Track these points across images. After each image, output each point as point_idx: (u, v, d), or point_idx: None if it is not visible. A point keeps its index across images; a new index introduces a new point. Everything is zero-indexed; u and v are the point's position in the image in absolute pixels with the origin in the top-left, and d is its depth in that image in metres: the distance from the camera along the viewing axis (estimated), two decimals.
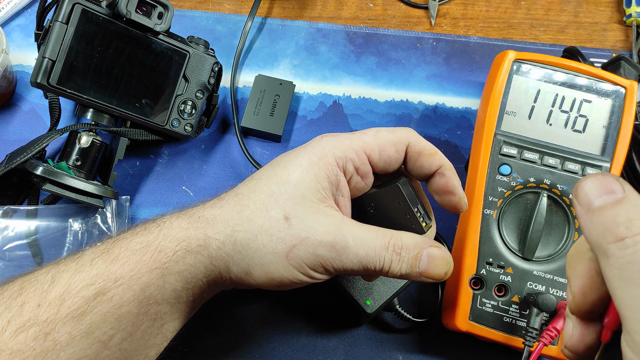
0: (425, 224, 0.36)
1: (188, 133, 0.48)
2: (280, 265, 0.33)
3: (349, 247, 0.33)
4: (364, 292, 0.43)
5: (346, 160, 0.35)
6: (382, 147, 0.36)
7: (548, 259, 0.43)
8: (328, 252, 0.33)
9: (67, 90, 0.43)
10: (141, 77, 0.45)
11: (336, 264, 0.33)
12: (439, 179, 0.36)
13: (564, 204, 0.44)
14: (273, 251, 0.33)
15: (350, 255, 0.33)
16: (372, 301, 0.43)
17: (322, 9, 0.59)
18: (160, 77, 0.46)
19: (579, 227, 0.28)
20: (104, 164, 0.48)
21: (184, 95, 0.47)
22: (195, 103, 0.48)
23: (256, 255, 0.33)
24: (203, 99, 0.49)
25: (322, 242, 0.32)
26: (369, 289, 0.44)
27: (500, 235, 0.44)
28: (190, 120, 0.48)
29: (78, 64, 0.43)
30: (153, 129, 0.48)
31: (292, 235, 0.33)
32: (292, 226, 0.33)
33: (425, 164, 0.36)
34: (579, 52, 0.52)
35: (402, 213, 0.36)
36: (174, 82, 0.47)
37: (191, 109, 0.48)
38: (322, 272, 0.34)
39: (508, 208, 0.44)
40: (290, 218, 0.33)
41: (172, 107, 0.47)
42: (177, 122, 0.48)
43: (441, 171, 0.36)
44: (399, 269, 0.34)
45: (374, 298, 0.43)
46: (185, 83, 0.47)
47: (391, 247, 0.33)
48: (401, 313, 0.45)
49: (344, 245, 0.33)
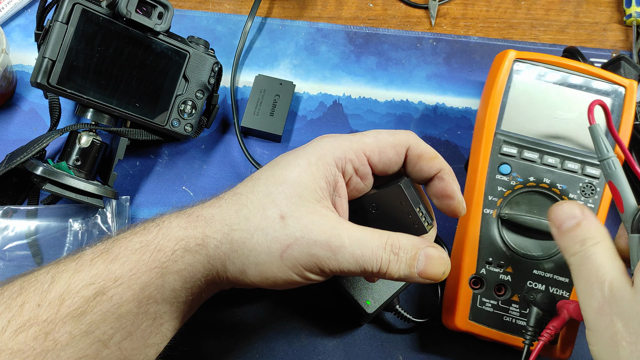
0: (427, 224, 0.36)
1: (188, 133, 0.48)
2: (274, 265, 0.33)
3: (344, 246, 0.33)
4: (364, 292, 0.43)
5: (345, 161, 0.35)
6: (382, 149, 0.36)
7: (548, 258, 0.43)
8: (323, 252, 0.32)
9: (67, 90, 0.43)
10: (141, 77, 0.45)
11: (332, 264, 0.33)
12: (438, 183, 0.36)
13: None
14: (267, 250, 0.33)
15: (346, 254, 0.33)
16: (372, 301, 0.43)
17: (322, 9, 0.59)
18: (160, 77, 0.46)
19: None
20: (104, 164, 0.48)
21: (184, 95, 0.47)
22: (195, 103, 0.48)
23: (251, 254, 0.33)
24: (203, 99, 0.48)
25: (317, 241, 0.32)
26: (369, 289, 0.44)
27: (500, 235, 0.44)
28: (190, 120, 0.48)
29: (78, 64, 0.43)
30: (153, 129, 0.48)
31: (287, 235, 0.32)
32: (287, 225, 0.33)
33: (425, 167, 0.36)
34: (579, 52, 0.52)
35: (404, 213, 0.36)
36: (174, 82, 0.47)
37: (191, 109, 0.48)
38: (318, 272, 0.33)
39: (508, 207, 0.44)
40: (286, 217, 0.33)
41: (172, 107, 0.47)
42: (177, 122, 0.48)
43: (440, 175, 0.36)
44: (397, 270, 0.34)
45: (374, 298, 0.43)
46: (186, 83, 0.47)
47: (388, 247, 0.33)
48: (401, 313, 0.45)
49: (340, 245, 0.32)
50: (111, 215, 0.48)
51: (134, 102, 0.46)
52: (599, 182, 0.44)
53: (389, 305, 0.44)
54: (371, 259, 0.33)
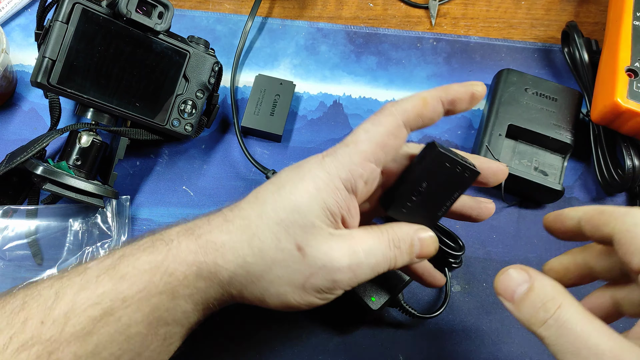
0: (473, 166, 0.34)
1: (188, 133, 0.48)
2: (297, 294, 0.33)
3: (361, 262, 0.32)
4: (368, 288, 0.43)
5: (355, 180, 0.33)
6: (382, 144, 0.33)
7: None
8: (345, 275, 0.32)
9: (68, 90, 0.43)
10: (141, 76, 0.45)
11: (353, 282, 0.33)
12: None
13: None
14: (289, 282, 0.32)
15: (364, 268, 0.33)
16: (377, 297, 0.43)
17: (323, 9, 0.59)
18: (160, 77, 0.46)
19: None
20: (105, 163, 0.48)
21: (184, 95, 0.47)
22: (196, 103, 0.48)
23: (271, 286, 0.33)
24: (203, 98, 0.48)
25: (340, 268, 0.32)
26: (373, 285, 0.44)
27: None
28: (191, 120, 0.48)
29: (78, 64, 0.43)
30: (153, 128, 0.48)
31: (308, 265, 0.32)
32: (306, 256, 0.32)
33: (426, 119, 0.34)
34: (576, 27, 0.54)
35: (454, 170, 0.34)
36: (174, 81, 0.47)
37: (191, 109, 0.48)
38: (339, 293, 0.33)
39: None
40: (304, 248, 0.32)
41: (172, 107, 0.47)
42: (177, 122, 0.48)
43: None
44: (402, 262, 0.34)
45: (378, 294, 0.43)
46: (186, 83, 0.47)
47: (392, 244, 0.33)
48: (406, 308, 0.45)
49: (358, 263, 0.32)
50: (111, 215, 0.48)
51: (134, 102, 0.46)
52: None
53: (394, 300, 0.45)
54: (384, 263, 0.33)
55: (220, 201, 0.50)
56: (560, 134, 0.50)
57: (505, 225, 0.51)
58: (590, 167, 0.54)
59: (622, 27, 0.49)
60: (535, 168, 0.50)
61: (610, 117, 0.48)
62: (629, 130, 0.48)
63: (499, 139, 0.50)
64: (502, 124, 0.50)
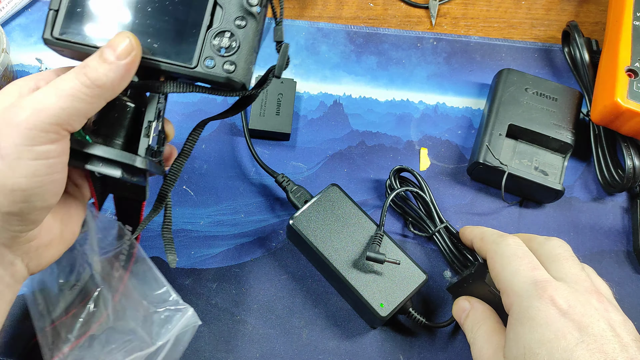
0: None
1: (230, 74, 0.36)
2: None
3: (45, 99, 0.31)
4: (377, 294, 0.43)
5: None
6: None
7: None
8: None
9: (71, 41, 0.35)
10: (157, 10, 0.36)
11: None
12: None
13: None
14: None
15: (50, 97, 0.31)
16: (385, 304, 0.43)
17: (323, 9, 0.59)
18: (180, 6, 0.36)
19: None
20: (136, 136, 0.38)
21: (218, 27, 0.36)
22: (236, 34, 0.36)
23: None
24: (247, 27, 0.36)
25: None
26: (382, 291, 0.43)
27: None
28: (232, 57, 0.36)
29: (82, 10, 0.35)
30: (187, 75, 0.36)
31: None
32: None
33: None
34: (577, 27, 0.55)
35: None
36: (201, 10, 0.36)
37: (230, 42, 0.36)
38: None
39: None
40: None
41: (204, 43, 0.36)
42: (211, 61, 0.36)
43: None
44: (105, 71, 0.32)
45: (387, 301, 0.43)
46: (221, 10, 0.36)
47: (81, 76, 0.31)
48: (415, 316, 0.45)
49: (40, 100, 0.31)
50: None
51: (152, 43, 0.36)
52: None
53: (402, 307, 0.44)
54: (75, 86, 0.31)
55: (221, 201, 0.50)
56: (560, 133, 0.50)
57: (506, 225, 0.51)
58: (590, 167, 0.54)
59: (623, 27, 0.49)
60: (536, 168, 0.51)
61: (610, 117, 0.48)
62: (629, 130, 0.48)
63: (499, 139, 0.50)
64: (503, 124, 0.50)
